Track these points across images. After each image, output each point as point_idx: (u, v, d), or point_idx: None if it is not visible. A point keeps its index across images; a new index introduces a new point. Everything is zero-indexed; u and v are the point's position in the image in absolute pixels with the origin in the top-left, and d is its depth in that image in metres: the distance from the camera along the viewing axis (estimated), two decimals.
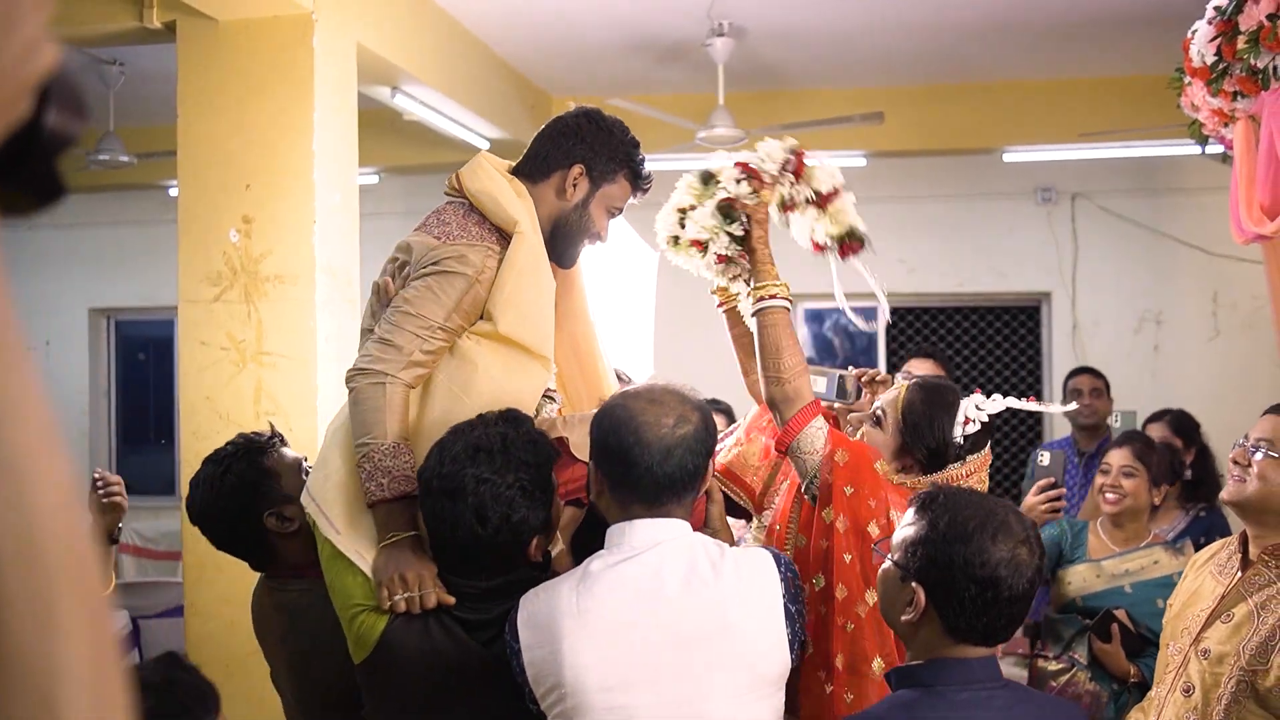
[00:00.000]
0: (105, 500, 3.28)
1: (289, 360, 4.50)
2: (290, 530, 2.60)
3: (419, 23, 5.73)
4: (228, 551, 2.69)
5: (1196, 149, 4.69)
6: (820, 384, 3.24)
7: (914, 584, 1.94)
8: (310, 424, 4.47)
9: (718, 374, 4.89)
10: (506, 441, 2.22)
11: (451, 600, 2.25)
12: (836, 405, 3.79)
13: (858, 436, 2.72)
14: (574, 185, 2.60)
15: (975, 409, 2.57)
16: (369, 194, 6.83)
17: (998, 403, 2.60)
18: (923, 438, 2.56)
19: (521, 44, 6.72)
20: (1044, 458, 3.65)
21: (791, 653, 2.12)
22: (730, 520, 3.80)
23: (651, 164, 2.75)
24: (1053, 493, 3.53)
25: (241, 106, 4.59)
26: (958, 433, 2.54)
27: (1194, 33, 3.83)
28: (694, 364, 7.76)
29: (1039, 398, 8.53)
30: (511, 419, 2.29)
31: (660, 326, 4.41)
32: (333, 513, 2.40)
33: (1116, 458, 3.99)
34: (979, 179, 8.42)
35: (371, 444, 2.34)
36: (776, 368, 2.59)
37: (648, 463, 2.12)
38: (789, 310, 2.68)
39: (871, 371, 3.31)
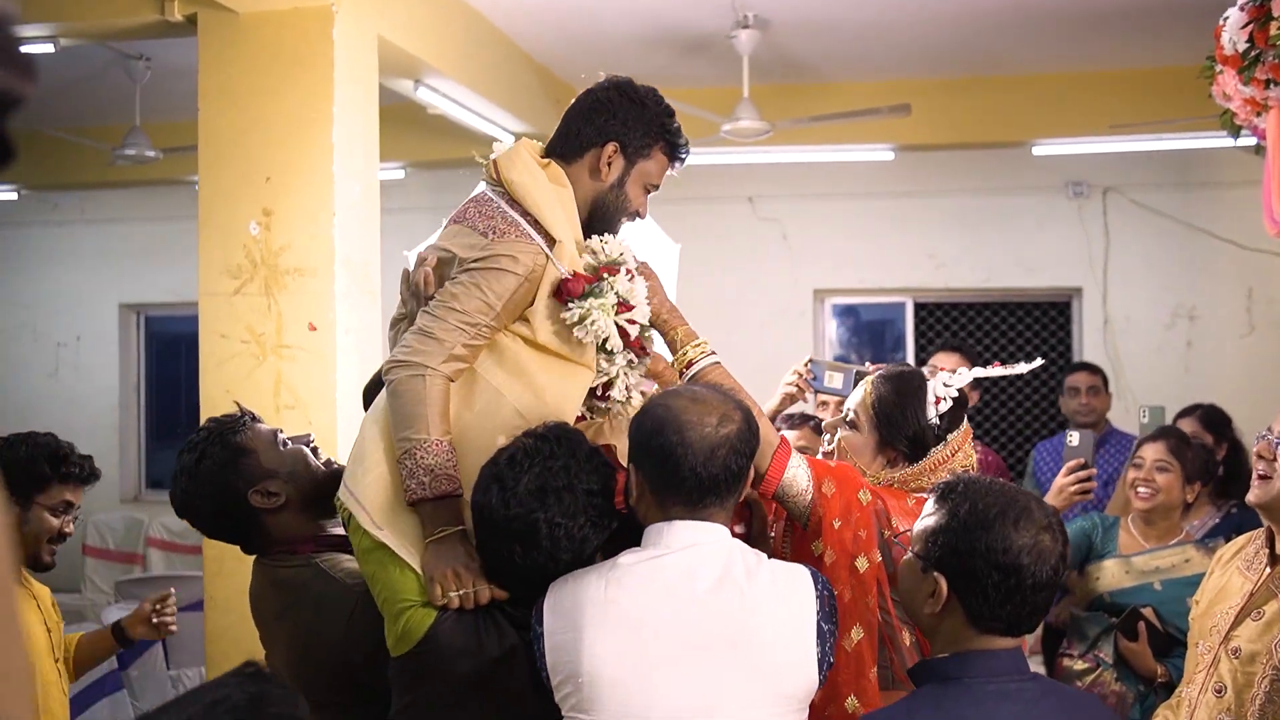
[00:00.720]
0: (157, 620, 3.38)
1: (308, 353, 4.49)
2: (277, 505, 2.56)
3: (441, 15, 5.72)
4: (218, 539, 2.65)
5: (1229, 141, 4.61)
6: (838, 380, 3.20)
7: (935, 574, 1.90)
8: (329, 417, 4.45)
9: (738, 369, 4.84)
10: (572, 475, 2.17)
11: (505, 595, 2.23)
12: (836, 401, 3.76)
13: (836, 441, 2.66)
14: (608, 164, 2.51)
15: (944, 386, 2.54)
16: (395, 189, 6.84)
17: (964, 375, 2.56)
18: (899, 428, 2.52)
19: (544, 37, 6.69)
20: (1073, 438, 3.57)
21: (820, 673, 2.07)
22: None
23: None
24: (1082, 474, 3.46)
25: (262, 99, 4.58)
26: (932, 414, 2.51)
27: (1226, 19, 3.77)
28: (722, 353, 7.73)
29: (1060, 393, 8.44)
30: (567, 441, 2.22)
31: (685, 315, 4.36)
32: (374, 508, 2.33)
33: (1150, 452, 3.89)
34: (1008, 173, 8.34)
35: (414, 440, 2.28)
36: None
37: (691, 463, 2.07)
38: (720, 363, 2.55)
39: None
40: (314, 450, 2.69)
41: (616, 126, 2.51)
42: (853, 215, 8.64)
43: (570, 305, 2.39)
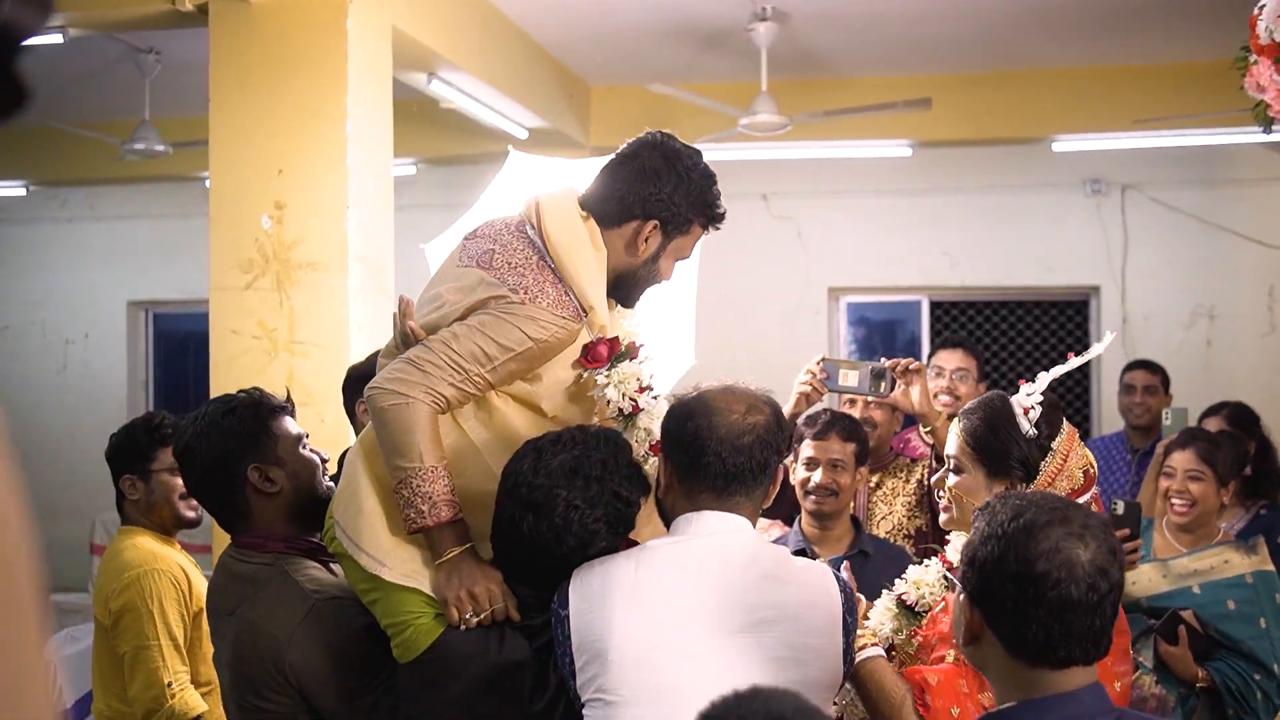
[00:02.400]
0: None
1: (321, 349, 4.42)
2: (271, 492, 2.54)
3: (455, 8, 5.65)
4: (199, 498, 2.65)
5: (1253, 137, 4.53)
6: (852, 378, 3.12)
7: (963, 597, 1.74)
8: (342, 415, 4.37)
9: (752, 367, 4.75)
10: (606, 470, 2.18)
11: (518, 618, 2.21)
12: (870, 399, 3.65)
13: (947, 491, 2.48)
14: (646, 241, 2.42)
15: (1027, 396, 2.43)
16: (406, 186, 6.77)
17: (1043, 379, 2.45)
18: (1003, 454, 2.39)
19: (560, 30, 6.63)
20: (1119, 507, 3.46)
21: (845, 665, 2.13)
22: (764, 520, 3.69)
23: None
24: (1128, 545, 3.35)
25: (274, 90, 4.52)
26: (1026, 427, 2.39)
27: (1262, 8, 3.68)
28: (735, 352, 7.70)
29: (1086, 392, 8.37)
30: (613, 443, 2.24)
31: (701, 313, 4.30)
32: (372, 547, 2.29)
33: (1180, 461, 3.75)
34: (1027, 170, 8.27)
35: (407, 468, 2.23)
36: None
37: (716, 449, 2.11)
38: (884, 657, 2.39)
39: (905, 361, 3.18)
40: (324, 470, 2.67)
41: (662, 202, 2.41)
42: (868, 213, 8.57)
43: (600, 371, 2.35)
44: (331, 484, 2.64)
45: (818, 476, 3.33)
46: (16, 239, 9.85)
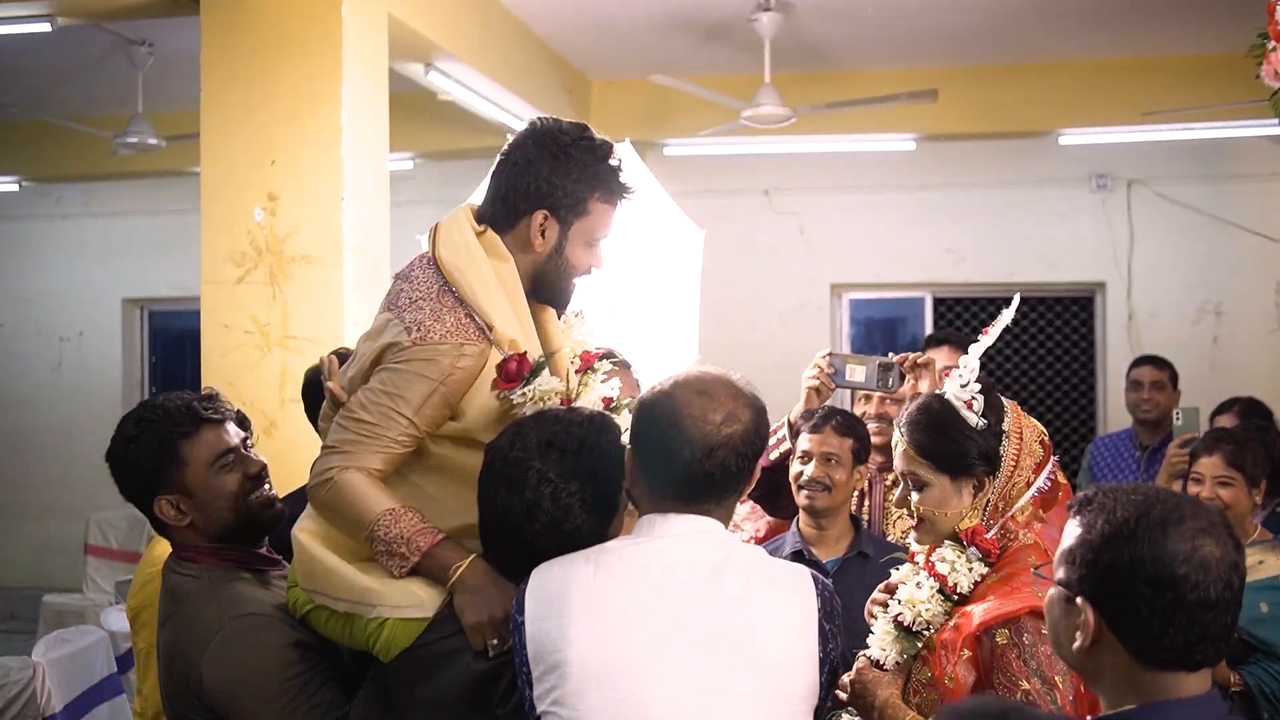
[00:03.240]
0: None
1: (315, 344, 4.35)
2: (181, 524, 2.44)
3: None
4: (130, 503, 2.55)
5: (1261, 130, 4.45)
6: (859, 373, 3.07)
7: (1080, 601, 1.63)
8: None
9: (755, 364, 4.67)
10: (584, 445, 2.11)
11: None
12: (878, 394, 3.57)
13: (915, 508, 2.32)
14: (541, 233, 2.33)
15: (961, 389, 2.27)
16: (402, 181, 6.69)
17: (969, 364, 2.29)
18: (961, 455, 2.26)
19: (560, 21, 6.57)
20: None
21: (822, 674, 1.98)
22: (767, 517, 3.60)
23: (696, 146, 2.46)
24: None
25: (267, 78, 4.46)
26: (973, 419, 2.25)
27: None
28: (737, 349, 7.60)
29: (1092, 389, 8.30)
30: (597, 423, 2.17)
31: (703, 309, 4.22)
32: (347, 592, 2.23)
33: (1209, 467, 3.62)
34: (1032, 164, 8.23)
35: (370, 526, 2.19)
36: None
37: (687, 459, 1.97)
38: None
39: (913, 356, 3.11)
40: (261, 481, 2.50)
41: (543, 189, 2.30)
42: (871, 208, 8.52)
43: (514, 391, 2.25)
44: (274, 498, 2.52)
45: (810, 470, 3.27)
46: (10, 235, 9.81)
